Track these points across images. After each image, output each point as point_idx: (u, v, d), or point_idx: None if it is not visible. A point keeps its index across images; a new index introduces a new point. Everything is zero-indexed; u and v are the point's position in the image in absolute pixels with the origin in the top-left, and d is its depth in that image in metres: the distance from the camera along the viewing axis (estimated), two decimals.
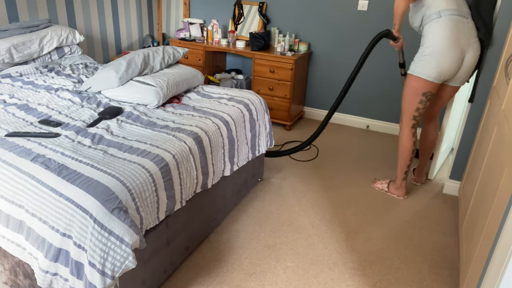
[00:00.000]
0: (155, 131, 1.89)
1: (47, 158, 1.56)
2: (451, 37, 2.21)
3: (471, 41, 2.26)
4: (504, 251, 1.31)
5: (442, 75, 2.29)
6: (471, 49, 2.27)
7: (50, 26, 2.96)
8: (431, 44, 2.26)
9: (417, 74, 2.32)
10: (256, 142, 2.47)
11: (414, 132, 2.51)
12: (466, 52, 2.27)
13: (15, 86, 2.39)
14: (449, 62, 2.25)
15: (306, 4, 3.67)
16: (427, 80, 2.30)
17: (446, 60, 2.25)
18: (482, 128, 2.33)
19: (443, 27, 2.22)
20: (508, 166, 1.50)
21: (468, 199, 2.23)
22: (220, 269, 1.99)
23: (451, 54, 2.23)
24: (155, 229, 1.68)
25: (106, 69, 2.33)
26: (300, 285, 1.92)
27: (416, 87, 2.35)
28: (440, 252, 2.20)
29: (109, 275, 1.38)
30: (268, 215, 2.43)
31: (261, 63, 3.57)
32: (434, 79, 2.29)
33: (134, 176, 1.52)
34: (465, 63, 2.30)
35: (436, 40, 2.24)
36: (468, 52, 2.27)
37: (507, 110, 1.73)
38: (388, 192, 2.74)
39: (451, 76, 2.33)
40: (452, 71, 2.29)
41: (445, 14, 2.22)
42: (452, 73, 2.30)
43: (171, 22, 4.37)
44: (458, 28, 2.22)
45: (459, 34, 2.22)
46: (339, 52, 3.69)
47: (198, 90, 2.57)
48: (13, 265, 1.65)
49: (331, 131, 3.74)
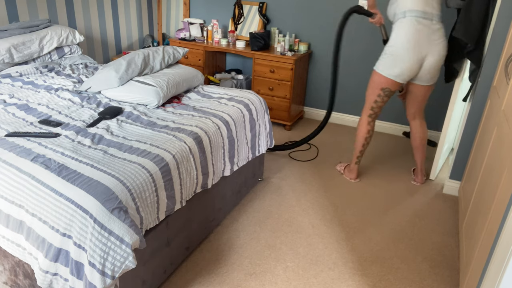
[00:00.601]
0: (155, 131, 1.89)
1: (47, 158, 1.56)
2: (411, 39, 2.32)
3: (434, 42, 2.35)
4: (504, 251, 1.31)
5: (401, 75, 2.41)
6: (434, 50, 2.37)
7: (50, 26, 2.96)
8: (392, 44, 2.39)
9: (378, 71, 2.47)
10: (256, 142, 2.47)
11: (370, 121, 2.66)
12: (427, 54, 2.37)
13: (15, 86, 2.39)
14: (407, 64, 2.37)
15: (306, 4, 3.67)
16: (386, 77, 2.44)
17: (404, 62, 2.36)
18: (482, 128, 2.33)
19: (405, 29, 2.33)
20: (508, 166, 1.50)
21: (468, 199, 2.23)
22: (220, 269, 1.99)
23: (409, 56, 2.35)
24: (155, 229, 1.68)
25: (106, 69, 2.33)
26: (300, 285, 1.92)
27: (376, 82, 2.50)
28: (440, 252, 2.20)
29: (109, 275, 1.38)
30: (268, 215, 2.43)
31: (261, 63, 3.57)
32: (394, 77, 2.42)
33: (134, 176, 1.52)
34: (426, 64, 2.40)
35: (397, 40, 2.36)
36: (429, 53, 2.37)
37: (507, 110, 1.73)
38: (343, 174, 2.93)
39: (411, 76, 2.44)
40: (411, 72, 2.41)
41: (409, 15, 2.33)
42: (411, 74, 2.42)
43: (171, 22, 4.37)
44: (420, 31, 2.32)
45: (420, 36, 2.33)
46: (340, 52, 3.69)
47: (198, 90, 2.57)
48: (13, 265, 1.65)
49: (331, 131, 3.74)
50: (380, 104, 2.59)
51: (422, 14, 2.32)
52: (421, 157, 2.82)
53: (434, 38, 2.35)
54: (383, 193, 2.75)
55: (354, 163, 2.84)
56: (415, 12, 2.32)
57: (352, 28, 3.56)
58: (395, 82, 2.45)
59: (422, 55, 2.37)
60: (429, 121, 3.57)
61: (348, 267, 2.04)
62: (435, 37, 2.35)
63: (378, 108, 2.62)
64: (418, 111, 2.70)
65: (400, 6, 2.36)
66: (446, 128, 2.81)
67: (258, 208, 2.49)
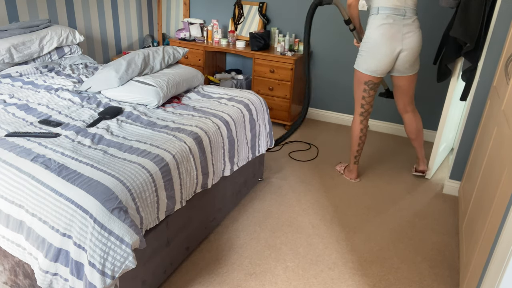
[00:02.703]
0: (155, 131, 1.89)
1: (47, 158, 1.56)
2: (383, 36, 2.41)
3: (406, 35, 2.42)
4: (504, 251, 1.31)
5: (377, 70, 2.50)
6: (406, 43, 2.43)
7: (50, 26, 2.96)
8: (366, 40, 2.48)
9: (357, 68, 2.57)
10: (256, 142, 2.47)
11: (362, 120, 2.70)
12: (400, 48, 2.44)
13: (15, 86, 2.39)
14: (380, 59, 2.45)
15: (306, 4, 3.67)
16: (365, 73, 2.54)
17: (378, 57, 2.45)
18: (482, 128, 2.33)
19: (377, 25, 2.41)
20: (508, 166, 1.50)
21: (468, 199, 2.23)
22: (220, 269, 1.99)
23: (382, 51, 2.43)
24: (155, 229, 1.68)
25: (106, 69, 2.33)
26: (300, 285, 1.92)
27: (358, 78, 2.59)
28: (440, 252, 2.20)
29: (109, 275, 1.38)
30: (268, 215, 2.43)
31: (261, 63, 3.57)
32: (371, 72, 2.51)
33: (134, 176, 1.52)
34: (400, 57, 2.47)
35: (369, 37, 2.45)
36: (402, 47, 2.43)
37: (507, 110, 1.73)
38: (343, 174, 2.94)
39: (388, 69, 2.51)
40: (386, 66, 2.49)
41: (382, 12, 2.41)
42: (386, 67, 2.49)
43: (171, 22, 4.37)
44: (391, 27, 2.40)
45: (392, 32, 2.40)
46: (339, 52, 3.69)
47: (198, 90, 2.57)
48: (13, 265, 1.65)
49: (331, 131, 3.74)
50: (368, 100, 2.63)
51: (394, 11, 2.40)
52: (420, 147, 2.86)
53: (406, 32, 2.42)
54: (383, 193, 2.75)
55: (352, 163, 2.85)
56: (386, 9, 2.40)
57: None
58: (373, 76, 2.54)
59: (395, 50, 2.44)
60: (425, 120, 3.57)
61: (348, 267, 2.04)
62: (407, 30, 2.42)
63: (367, 105, 2.66)
64: (408, 103, 2.73)
65: (374, 2, 2.45)
66: (442, 128, 2.81)
67: (258, 208, 2.49)
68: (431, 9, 3.23)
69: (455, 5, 2.50)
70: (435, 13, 3.23)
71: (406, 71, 2.56)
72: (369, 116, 2.72)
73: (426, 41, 3.32)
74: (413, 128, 2.78)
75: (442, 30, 3.21)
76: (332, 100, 3.89)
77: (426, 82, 3.45)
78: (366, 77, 2.54)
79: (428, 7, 3.23)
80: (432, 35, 3.29)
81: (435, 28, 3.26)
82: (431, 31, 3.29)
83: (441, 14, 3.20)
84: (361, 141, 2.75)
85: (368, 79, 2.54)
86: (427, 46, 3.33)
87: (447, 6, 2.52)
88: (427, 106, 3.51)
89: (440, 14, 3.21)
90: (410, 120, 2.77)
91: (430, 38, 3.30)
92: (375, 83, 2.57)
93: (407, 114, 2.76)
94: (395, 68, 2.54)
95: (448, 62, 2.61)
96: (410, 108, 2.74)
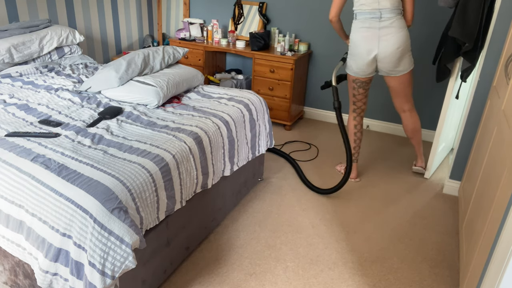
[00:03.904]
0: (155, 131, 1.89)
1: (47, 158, 1.56)
2: (361, 39, 2.50)
3: (382, 38, 2.47)
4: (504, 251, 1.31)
5: (359, 71, 2.61)
6: (382, 46, 2.48)
7: (50, 26, 2.96)
8: (350, 44, 2.61)
9: (345, 68, 2.72)
10: (256, 142, 2.47)
11: (355, 116, 2.80)
12: (377, 50, 2.50)
13: (15, 86, 2.39)
14: (359, 61, 2.56)
15: (306, 4, 3.67)
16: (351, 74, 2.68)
17: (357, 60, 2.57)
18: (482, 128, 2.33)
19: (356, 30, 2.52)
20: (508, 166, 1.50)
21: (468, 199, 2.23)
22: (220, 269, 1.99)
23: (360, 55, 2.54)
24: (155, 229, 1.68)
25: (106, 69, 2.33)
26: (300, 285, 1.92)
27: (348, 77, 2.74)
28: (440, 252, 2.20)
29: (109, 275, 1.38)
30: (268, 215, 2.43)
31: (261, 63, 3.57)
32: (355, 73, 2.64)
33: (134, 176, 1.52)
34: (379, 59, 2.53)
35: (351, 40, 2.58)
36: (379, 48, 2.49)
37: (507, 110, 1.73)
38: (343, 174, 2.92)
39: (369, 70, 2.59)
40: (367, 68, 2.58)
41: (359, 17, 2.50)
42: (368, 69, 2.58)
43: (171, 22, 4.37)
44: (368, 30, 2.48)
45: (368, 35, 2.48)
46: (339, 52, 3.69)
47: (198, 90, 2.57)
48: (13, 265, 1.65)
49: (331, 131, 3.74)
50: (359, 97, 2.73)
51: (369, 14, 2.46)
52: (417, 144, 2.90)
53: (382, 34, 2.46)
54: (383, 193, 2.75)
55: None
56: (362, 13, 2.48)
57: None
58: (360, 76, 2.64)
59: (371, 52, 2.51)
60: (424, 120, 3.57)
61: (348, 267, 2.04)
62: (384, 32, 2.46)
63: (359, 102, 2.74)
64: (404, 103, 2.75)
65: (355, 5, 2.52)
66: (441, 127, 2.81)
67: (258, 208, 2.49)
68: (430, 9, 3.23)
69: (453, 5, 2.51)
70: (434, 13, 3.23)
71: (391, 72, 2.60)
72: (363, 113, 2.80)
73: (425, 41, 3.32)
74: (410, 128, 2.81)
75: (441, 30, 3.21)
76: (332, 100, 3.89)
77: (425, 82, 3.45)
78: (352, 77, 2.68)
79: (426, 7, 3.23)
80: (431, 35, 3.29)
81: (434, 28, 3.26)
82: (430, 31, 3.29)
83: (440, 14, 3.20)
84: (356, 137, 2.81)
85: (355, 78, 2.67)
86: (427, 46, 3.33)
87: (446, 6, 2.53)
88: (427, 106, 3.51)
89: (438, 14, 3.21)
90: (406, 120, 2.80)
91: (429, 38, 3.30)
92: (362, 82, 2.66)
93: (404, 113, 2.79)
94: (379, 69, 2.61)
95: (447, 62, 2.61)
96: (407, 108, 2.76)
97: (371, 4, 2.44)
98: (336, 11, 2.54)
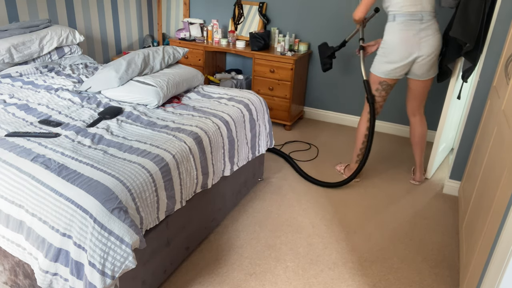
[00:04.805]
0: (155, 131, 1.89)
1: (47, 158, 1.56)
2: (400, 42, 2.44)
3: (423, 40, 2.43)
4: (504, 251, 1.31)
5: (392, 73, 2.55)
6: (423, 47, 2.44)
7: (50, 26, 2.96)
8: (383, 45, 2.53)
9: (373, 71, 2.64)
10: (256, 142, 2.47)
11: (369, 118, 2.74)
12: (417, 52, 2.45)
13: (15, 86, 2.39)
14: (396, 63, 2.50)
15: (306, 4, 3.67)
16: (380, 76, 2.61)
17: (394, 61, 2.50)
18: (482, 128, 2.33)
19: (394, 31, 2.45)
20: (508, 166, 1.50)
21: (468, 199, 2.23)
22: (220, 269, 1.99)
23: (399, 56, 2.47)
24: (155, 229, 1.68)
25: (106, 69, 2.33)
26: (300, 285, 1.92)
27: (373, 79, 2.66)
28: (440, 252, 2.20)
29: (109, 275, 1.38)
30: (268, 215, 2.43)
31: (261, 63, 3.57)
32: (386, 75, 2.57)
33: (134, 176, 1.52)
34: (417, 61, 2.49)
35: (386, 42, 2.50)
36: (419, 51, 2.45)
37: (507, 110, 1.73)
38: (344, 174, 2.96)
39: (403, 72, 2.55)
40: (402, 69, 2.53)
41: (398, 19, 2.44)
42: (402, 71, 2.54)
43: (171, 22, 4.37)
44: (408, 31, 2.42)
45: (408, 37, 2.43)
46: (339, 52, 3.69)
47: (198, 90, 2.57)
48: (13, 265, 1.65)
49: (331, 131, 3.74)
50: (379, 100, 2.68)
51: (410, 16, 2.40)
52: (420, 154, 2.84)
53: (423, 36, 2.43)
54: (383, 193, 2.75)
55: (354, 162, 2.85)
56: (403, 15, 2.41)
57: (352, 30, 3.56)
58: (390, 79, 2.59)
59: (412, 54, 2.46)
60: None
61: (348, 267, 2.04)
62: (424, 34, 2.43)
63: (377, 104, 2.70)
64: (418, 107, 2.74)
65: (391, 7, 2.45)
66: (441, 127, 2.81)
67: (258, 208, 2.49)
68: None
69: (455, 5, 2.51)
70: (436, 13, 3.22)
71: (423, 76, 2.57)
72: (377, 116, 2.73)
73: None
74: (418, 133, 2.78)
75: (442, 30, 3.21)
76: (332, 100, 3.89)
77: None
78: (381, 79, 2.60)
79: None
80: None
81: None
82: None
83: (442, 15, 3.20)
84: (365, 139, 2.77)
85: (382, 80, 2.60)
86: None
87: (447, 6, 2.53)
88: (427, 107, 3.51)
89: (440, 15, 3.21)
90: (416, 124, 2.78)
91: None
92: (389, 84, 2.62)
93: (415, 118, 2.78)
94: (412, 72, 2.56)
95: (448, 62, 2.61)
96: (418, 113, 2.75)
97: (414, 6, 2.38)
98: (366, 11, 2.49)
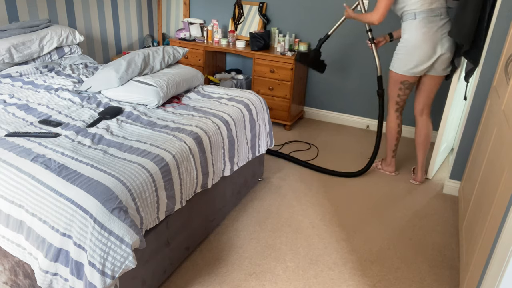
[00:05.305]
0: (155, 131, 1.89)
1: (47, 158, 1.56)
2: (424, 37, 2.46)
3: (444, 35, 2.48)
4: (504, 251, 1.31)
5: (415, 70, 2.56)
6: (445, 43, 2.49)
7: (50, 26, 2.96)
8: (405, 44, 2.53)
9: (394, 70, 2.64)
10: (256, 142, 2.47)
11: (398, 115, 2.81)
12: (440, 48, 2.49)
13: (15, 86, 2.39)
14: (420, 60, 2.51)
15: (306, 4, 3.67)
16: (402, 74, 2.62)
17: (418, 58, 2.51)
18: (482, 128, 2.33)
19: (417, 29, 2.46)
20: (508, 166, 1.50)
21: (468, 199, 2.23)
22: (220, 269, 1.99)
23: (423, 53, 2.49)
24: (155, 229, 1.68)
25: (106, 69, 2.33)
26: (300, 285, 1.92)
27: (395, 79, 2.68)
28: (440, 252, 2.20)
29: (109, 275, 1.38)
30: (268, 215, 2.43)
31: (261, 63, 3.57)
32: (409, 73, 2.59)
33: (134, 176, 1.52)
34: (440, 57, 2.52)
35: (409, 40, 2.51)
36: (443, 49, 2.49)
37: (507, 110, 1.73)
38: (381, 169, 3.05)
39: (426, 69, 2.57)
40: (426, 66, 2.54)
41: (419, 16, 2.45)
42: (425, 67, 2.55)
43: (171, 22, 4.37)
44: (430, 28, 2.45)
45: (431, 33, 2.45)
46: (339, 53, 3.69)
47: (198, 90, 2.57)
48: (13, 265, 1.65)
49: (331, 131, 3.74)
50: (403, 97, 2.73)
51: (430, 13, 2.43)
52: (423, 154, 2.85)
53: (444, 32, 2.47)
54: (383, 193, 2.75)
55: (391, 157, 2.95)
56: (424, 13, 2.43)
57: (352, 32, 3.56)
58: (412, 76, 2.61)
59: (436, 53, 2.49)
60: None
61: (348, 267, 2.04)
62: (445, 30, 2.47)
63: (402, 102, 2.76)
64: (426, 106, 2.76)
65: (408, 6, 2.46)
66: (443, 127, 2.81)
67: (258, 208, 2.49)
68: None
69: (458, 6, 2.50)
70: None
71: (442, 72, 2.60)
72: (402, 111, 2.85)
73: None
74: (423, 133, 2.79)
75: None
76: (332, 100, 3.89)
77: None
78: (403, 78, 2.62)
79: None
80: None
81: None
82: None
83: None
84: (399, 135, 2.86)
85: (404, 79, 2.63)
86: None
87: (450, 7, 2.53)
88: None
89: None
90: (422, 124, 2.79)
91: None
92: (410, 83, 2.65)
93: (422, 117, 2.79)
94: (434, 68, 2.58)
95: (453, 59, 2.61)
96: (426, 112, 2.77)
97: (433, 3, 2.41)
98: (385, 14, 2.47)
